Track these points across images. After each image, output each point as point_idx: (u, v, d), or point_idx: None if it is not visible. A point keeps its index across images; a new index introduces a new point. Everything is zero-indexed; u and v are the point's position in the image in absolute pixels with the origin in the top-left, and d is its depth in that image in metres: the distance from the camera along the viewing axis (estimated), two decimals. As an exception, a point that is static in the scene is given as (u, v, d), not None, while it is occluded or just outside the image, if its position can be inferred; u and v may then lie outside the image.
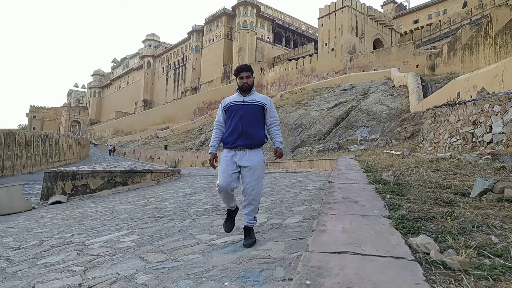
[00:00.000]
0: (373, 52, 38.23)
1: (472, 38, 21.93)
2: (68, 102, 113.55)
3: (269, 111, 2.77)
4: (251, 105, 2.68)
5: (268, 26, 60.33)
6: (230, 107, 2.73)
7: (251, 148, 2.64)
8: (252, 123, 2.65)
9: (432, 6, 50.15)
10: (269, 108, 2.76)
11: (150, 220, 4.53)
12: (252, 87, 2.77)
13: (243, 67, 2.74)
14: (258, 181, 2.63)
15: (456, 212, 1.84)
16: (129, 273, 2.36)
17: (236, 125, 2.65)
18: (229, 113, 2.74)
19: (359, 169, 4.63)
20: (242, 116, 2.65)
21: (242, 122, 2.63)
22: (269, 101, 2.79)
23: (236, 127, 2.64)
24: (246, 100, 2.70)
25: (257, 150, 2.68)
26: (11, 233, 5.05)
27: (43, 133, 24.76)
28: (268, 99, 2.80)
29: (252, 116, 2.67)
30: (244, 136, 2.62)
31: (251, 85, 2.74)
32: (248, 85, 2.71)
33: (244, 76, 2.70)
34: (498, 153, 4.40)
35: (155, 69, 79.64)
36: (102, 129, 79.72)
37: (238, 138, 2.62)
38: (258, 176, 2.63)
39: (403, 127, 15.27)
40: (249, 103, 2.69)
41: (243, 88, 2.71)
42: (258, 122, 2.69)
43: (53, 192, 9.35)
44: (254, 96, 2.74)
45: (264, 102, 2.74)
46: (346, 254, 1.14)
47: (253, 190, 2.62)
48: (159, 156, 34.95)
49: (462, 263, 1.06)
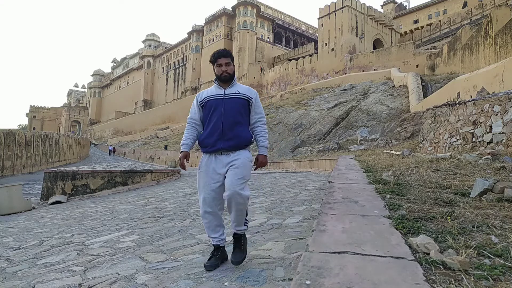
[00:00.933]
0: (373, 52, 38.24)
1: (472, 38, 21.93)
2: (68, 102, 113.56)
3: (255, 106, 2.30)
4: (234, 98, 2.22)
5: (268, 26, 60.35)
6: (208, 102, 2.24)
7: (235, 150, 2.19)
8: (235, 121, 2.19)
9: (432, 6, 50.16)
10: (255, 102, 2.30)
11: (150, 220, 4.53)
12: (234, 76, 2.29)
13: (222, 52, 2.26)
14: (242, 182, 2.11)
15: (456, 212, 1.84)
16: (129, 273, 2.36)
17: (216, 124, 2.18)
18: (207, 109, 2.25)
19: (359, 169, 4.63)
20: (224, 113, 2.18)
21: (224, 120, 2.17)
22: (255, 94, 2.34)
23: (216, 127, 2.18)
24: (228, 93, 2.23)
25: (243, 151, 2.23)
26: (11, 233, 5.05)
27: (43, 133, 24.76)
28: (253, 91, 2.35)
29: (236, 112, 2.20)
30: (226, 137, 2.16)
31: (231, 74, 2.25)
32: (228, 74, 2.23)
33: (223, 63, 2.22)
34: (498, 153, 4.40)
35: (155, 69, 79.65)
36: (102, 129, 79.74)
37: (219, 140, 2.16)
38: (243, 175, 2.13)
39: (403, 127, 15.28)
40: (232, 96, 2.22)
41: (222, 78, 2.23)
42: (242, 120, 2.24)
43: (53, 192, 9.35)
44: (237, 88, 2.27)
45: (249, 95, 2.27)
46: (346, 254, 1.14)
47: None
48: (159, 156, 34.95)
49: (462, 263, 1.06)
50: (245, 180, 2.14)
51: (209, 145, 2.19)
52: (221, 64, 2.22)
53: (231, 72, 2.25)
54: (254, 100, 2.30)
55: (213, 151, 2.18)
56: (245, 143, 2.22)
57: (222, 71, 2.22)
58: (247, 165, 2.19)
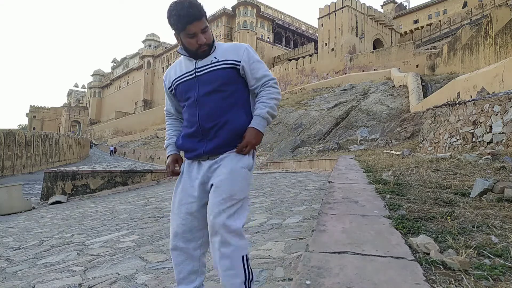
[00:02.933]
0: (373, 52, 38.26)
1: (472, 38, 21.93)
2: (68, 102, 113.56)
3: (250, 69, 1.45)
4: (211, 72, 1.42)
5: (268, 26, 60.36)
6: (178, 87, 1.49)
7: (222, 152, 1.40)
8: (218, 107, 1.40)
9: (432, 6, 50.17)
10: (248, 64, 1.44)
11: (150, 220, 4.53)
12: (213, 45, 1.46)
13: (191, 12, 1.35)
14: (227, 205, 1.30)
15: (456, 212, 1.84)
16: (129, 273, 2.36)
17: (191, 118, 1.45)
18: (178, 96, 1.52)
19: (359, 169, 4.63)
20: (197, 101, 1.42)
21: (199, 112, 1.41)
22: (245, 50, 1.46)
23: (192, 121, 1.45)
24: (200, 67, 1.44)
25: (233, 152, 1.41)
26: (11, 233, 5.05)
27: (43, 133, 24.77)
28: (242, 47, 1.48)
29: (217, 94, 1.41)
30: (209, 135, 1.41)
31: (210, 44, 1.44)
32: (207, 46, 1.42)
33: (198, 31, 1.38)
34: (498, 153, 4.40)
35: (155, 69, 79.64)
36: (102, 129, 79.76)
37: (200, 141, 1.43)
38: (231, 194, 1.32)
39: (403, 127, 15.28)
40: (206, 69, 1.43)
41: (200, 54, 1.43)
42: (230, 101, 1.42)
43: (53, 192, 9.35)
44: (214, 54, 1.45)
45: (234, 58, 1.44)
46: (346, 254, 1.14)
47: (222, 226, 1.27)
48: (159, 156, 34.93)
49: (462, 263, 1.06)
50: (234, 201, 1.30)
51: (189, 149, 1.47)
52: (195, 33, 1.37)
53: (209, 41, 1.42)
54: (246, 61, 1.44)
55: (194, 156, 1.46)
56: (234, 137, 1.39)
57: (198, 44, 1.40)
58: (239, 175, 1.35)
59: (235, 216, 1.29)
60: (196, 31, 1.38)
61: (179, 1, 1.36)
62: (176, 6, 1.36)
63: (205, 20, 1.41)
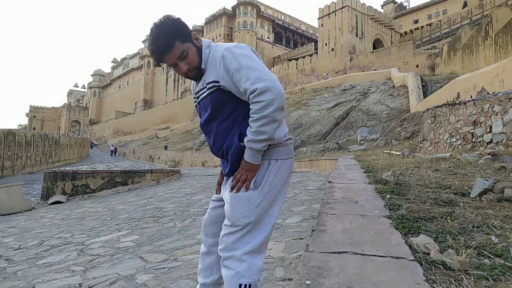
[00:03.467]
0: (373, 52, 38.25)
1: (472, 38, 21.93)
2: (68, 102, 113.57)
3: (234, 83, 1.23)
4: (204, 98, 1.33)
5: (268, 26, 60.37)
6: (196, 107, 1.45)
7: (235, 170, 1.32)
8: (218, 133, 1.32)
9: (432, 6, 50.17)
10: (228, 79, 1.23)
11: (150, 220, 4.53)
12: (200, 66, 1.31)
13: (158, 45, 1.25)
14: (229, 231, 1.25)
15: (456, 212, 1.84)
16: (129, 273, 2.36)
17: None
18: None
19: (359, 169, 4.62)
20: (203, 129, 1.40)
21: (208, 138, 1.39)
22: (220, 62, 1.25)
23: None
24: (198, 92, 1.37)
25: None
26: (11, 233, 5.05)
27: (43, 133, 24.76)
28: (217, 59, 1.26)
29: (215, 120, 1.32)
30: (222, 156, 1.36)
31: (196, 66, 1.31)
32: (194, 71, 1.31)
33: (175, 61, 1.28)
34: (498, 153, 4.40)
35: (155, 69, 79.63)
36: (102, 129, 79.77)
37: (223, 162, 1.40)
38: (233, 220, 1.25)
39: (403, 127, 15.28)
40: (201, 94, 1.34)
41: (190, 79, 1.37)
42: (228, 123, 1.30)
43: (53, 192, 9.35)
44: (205, 76, 1.31)
45: (213, 77, 1.26)
46: (346, 254, 1.14)
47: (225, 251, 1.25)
48: (159, 156, 34.95)
49: (462, 263, 1.06)
50: (236, 228, 1.23)
51: (222, 168, 1.43)
52: (175, 64, 1.29)
53: (193, 65, 1.30)
54: (225, 77, 1.24)
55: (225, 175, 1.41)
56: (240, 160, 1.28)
57: (181, 73, 1.32)
58: (240, 201, 1.25)
59: (237, 243, 1.23)
60: (172, 62, 1.28)
61: (150, 33, 1.28)
62: (149, 40, 1.30)
63: (179, 45, 1.25)
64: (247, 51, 1.26)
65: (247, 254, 1.21)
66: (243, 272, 1.20)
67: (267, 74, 1.20)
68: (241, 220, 1.23)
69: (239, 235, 1.23)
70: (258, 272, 1.23)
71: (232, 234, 1.24)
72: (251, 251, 1.22)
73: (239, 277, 1.19)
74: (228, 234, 1.25)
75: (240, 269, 1.20)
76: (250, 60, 1.22)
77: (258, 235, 1.24)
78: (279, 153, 1.30)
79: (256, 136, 1.20)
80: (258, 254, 1.24)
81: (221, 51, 1.26)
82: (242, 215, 1.23)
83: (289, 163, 1.33)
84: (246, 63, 1.20)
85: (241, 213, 1.24)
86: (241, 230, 1.23)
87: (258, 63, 1.23)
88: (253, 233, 1.24)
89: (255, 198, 1.25)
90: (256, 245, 1.23)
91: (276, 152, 1.30)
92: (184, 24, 1.31)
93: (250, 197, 1.25)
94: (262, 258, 1.28)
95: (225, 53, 1.25)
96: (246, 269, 1.20)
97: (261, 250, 1.25)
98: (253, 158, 1.23)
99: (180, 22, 1.30)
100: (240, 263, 1.21)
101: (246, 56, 1.23)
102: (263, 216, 1.25)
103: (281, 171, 1.29)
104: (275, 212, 1.29)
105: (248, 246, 1.22)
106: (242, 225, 1.23)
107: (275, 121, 1.18)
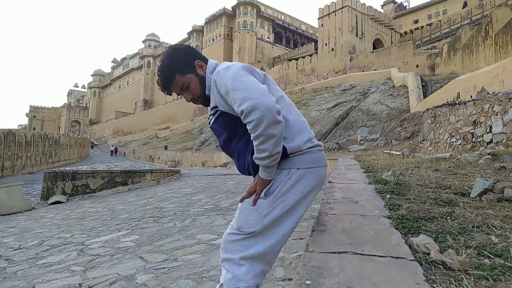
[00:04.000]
0: (373, 52, 38.24)
1: (472, 38, 21.93)
2: (68, 102, 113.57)
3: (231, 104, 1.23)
4: (214, 123, 1.36)
5: (268, 26, 60.36)
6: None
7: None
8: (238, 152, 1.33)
9: (432, 6, 50.16)
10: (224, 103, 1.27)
11: (150, 220, 4.53)
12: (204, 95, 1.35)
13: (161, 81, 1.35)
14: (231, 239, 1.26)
15: (456, 212, 1.84)
16: (129, 273, 2.36)
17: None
18: None
19: (359, 169, 4.62)
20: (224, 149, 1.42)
21: (233, 158, 1.40)
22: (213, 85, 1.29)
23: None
24: (209, 118, 1.40)
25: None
26: (11, 233, 5.05)
27: (43, 133, 24.76)
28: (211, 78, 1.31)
29: (231, 141, 1.34)
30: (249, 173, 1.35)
31: (200, 95, 1.36)
32: (197, 99, 1.38)
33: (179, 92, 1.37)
34: (498, 153, 4.40)
35: (155, 69, 79.54)
36: (102, 129, 79.77)
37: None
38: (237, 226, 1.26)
39: (403, 127, 15.29)
40: (211, 120, 1.37)
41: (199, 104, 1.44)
42: (245, 141, 1.29)
43: (53, 192, 9.35)
44: (210, 101, 1.34)
45: (213, 103, 1.31)
46: (346, 254, 1.14)
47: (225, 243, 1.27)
48: (159, 156, 34.95)
49: (462, 263, 1.06)
50: (240, 235, 1.24)
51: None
52: (179, 95, 1.40)
53: (196, 95, 1.35)
54: (220, 102, 1.27)
55: None
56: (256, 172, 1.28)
57: (188, 100, 1.39)
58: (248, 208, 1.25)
59: (237, 246, 1.23)
60: (178, 93, 1.37)
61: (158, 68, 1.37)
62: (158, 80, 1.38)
63: (179, 78, 1.32)
64: (234, 71, 1.23)
65: (245, 259, 1.19)
66: (241, 276, 1.18)
67: (252, 91, 1.15)
68: (246, 227, 1.22)
69: (240, 237, 1.23)
70: (257, 278, 1.20)
71: (234, 235, 1.24)
72: (250, 257, 1.20)
73: (236, 280, 1.17)
74: (230, 234, 1.26)
75: (238, 272, 1.18)
76: (235, 80, 1.20)
77: (262, 242, 1.22)
78: (301, 162, 1.25)
79: (258, 154, 1.18)
80: (259, 262, 1.21)
81: (212, 78, 1.28)
82: (248, 223, 1.22)
83: (316, 172, 1.27)
84: (231, 85, 1.19)
85: (246, 221, 1.23)
86: (245, 238, 1.22)
87: (243, 81, 1.19)
88: (256, 239, 1.22)
89: (264, 207, 1.22)
90: (257, 252, 1.20)
91: (297, 160, 1.25)
92: (186, 55, 1.35)
93: (259, 207, 1.23)
94: (266, 267, 1.24)
95: (216, 77, 1.26)
96: (245, 273, 1.18)
97: (264, 259, 1.22)
98: (263, 173, 1.22)
99: (180, 54, 1.34)
100: (239, 267, 1.19)
101: (232, 77, 1.21)
102: (272, 225, 1.22)
103: (303, 180, 1.24)
104: (290, 223, 1.24)
105: (248, 251, 1.20)
106: (246, 232, 1.22)
107: (271, 137, 1.14)
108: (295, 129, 1.28)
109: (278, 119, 1.14)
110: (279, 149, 1.18)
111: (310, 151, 1.28)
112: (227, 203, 5.33)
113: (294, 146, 1.25)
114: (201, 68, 1.36)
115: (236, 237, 1.23)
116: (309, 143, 1.29)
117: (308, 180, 1.25)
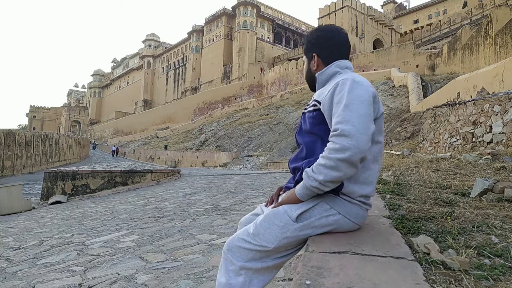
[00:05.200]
0: (373, 52, 38.28)
1: (472, 38, 21.94)
2: (68, 102, 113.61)
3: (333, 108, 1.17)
4: (307, 112, 1.37)
5: (268, 26, 60.36)
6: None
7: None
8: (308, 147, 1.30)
9: (432, 6, 50.19)
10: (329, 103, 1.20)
11: (150, 220, 4.53)
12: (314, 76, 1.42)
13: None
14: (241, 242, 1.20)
15: (456, 212, 1.84)
16: (129, 273, 2.36)
17: None
18: None
19: (359, 169, 4.61)
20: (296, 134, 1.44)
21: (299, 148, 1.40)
22: (333, 86, 1.21)
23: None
24: (308, 103, 1.42)
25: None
26: (11, 233, 5.05)
27: (43, 133, 24.77)
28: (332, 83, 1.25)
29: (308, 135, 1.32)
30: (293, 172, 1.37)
31: (311, 73, 1.43)
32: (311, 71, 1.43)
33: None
34: (498, 153, 4.40)
35: (155, 69, 79.66)
36: (102, 129, 79.80)
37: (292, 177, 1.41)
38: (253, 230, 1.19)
39: (403, 127, 15.29)
40: (307, 107, 1.40)
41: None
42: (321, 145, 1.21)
43: (53, 192, 9.35)
44: (317, 91, 1.39)
45: (317, 97, 1.31)
46: (346, 254, 1.14)
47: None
48: (159, 156, 34.97)
49: (462, 263, 1.06)
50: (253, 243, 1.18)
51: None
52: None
53: (314, 69, 1.41)
54: (329, 97, 1.20)
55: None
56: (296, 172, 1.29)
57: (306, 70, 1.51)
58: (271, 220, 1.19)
59: (241, 253, 1.18)
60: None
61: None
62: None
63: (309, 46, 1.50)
64: (362, 92, 1.15)
65: (245, 270, 1.16)
66: (236, 285, 1.15)
67: (361, 124, 1.07)
68: (262, 239, 1.17)
69: (250, 247, 1.18)
70: None
71: (245, 242, 1.19)
72: (251, 269, 1.17)
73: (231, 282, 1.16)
74: (242, 239, 1.20)
75: (234, 282, 1.15)
76: (356, 101, 1.11)
77: (268, 260, 1.19)
78: (346, 209, 1.20)
79: (313, 173, 1.11)
80: (258, 276, 1.18)
81: (341, 78, 1.22)
82: (265, 236, 1.16)
83: (349, 226, 1.23)
84: (348, 101, 1.12)
85: (265, 232, 1.17)
86: (255, 249, 1.18)
87: (361, 108, 1.10)
88: (264, 255, 1.18)
89: (288, 229, 1.17)
90: (260, 268, 1.17)
91: (343, 205, 1.20)
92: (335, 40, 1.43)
93: (285, 225, 1.17)
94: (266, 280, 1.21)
95: (342, 81, 1.19)
96: (240, 284, 1.15)
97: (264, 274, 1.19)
98: (300, 190, 1.16)
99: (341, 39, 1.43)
100: (236, 276, 1.16)
101: (357, 96, 1.13)
102: (283, 247, 1.19)
103: (335, 227, 1.21)
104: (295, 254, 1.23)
105: (251, 263, 1.17)
106: (259, 244, 1.17)
107: (337, 171, 1.07)
108: (367, 179, 1.23)
109: (357, 165, 1.08)
110: (333, 186, 1.12)
111: (360, 205, 1.23)
112: (227, 203, 5.33)
113: (351, 191, 1.19)
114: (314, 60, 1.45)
115: (246, 245, 1.18)
116: (364, 198, 1.24)
117: (338, 231, 1.23)
